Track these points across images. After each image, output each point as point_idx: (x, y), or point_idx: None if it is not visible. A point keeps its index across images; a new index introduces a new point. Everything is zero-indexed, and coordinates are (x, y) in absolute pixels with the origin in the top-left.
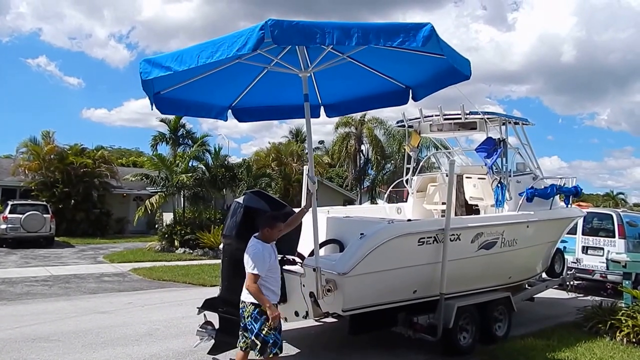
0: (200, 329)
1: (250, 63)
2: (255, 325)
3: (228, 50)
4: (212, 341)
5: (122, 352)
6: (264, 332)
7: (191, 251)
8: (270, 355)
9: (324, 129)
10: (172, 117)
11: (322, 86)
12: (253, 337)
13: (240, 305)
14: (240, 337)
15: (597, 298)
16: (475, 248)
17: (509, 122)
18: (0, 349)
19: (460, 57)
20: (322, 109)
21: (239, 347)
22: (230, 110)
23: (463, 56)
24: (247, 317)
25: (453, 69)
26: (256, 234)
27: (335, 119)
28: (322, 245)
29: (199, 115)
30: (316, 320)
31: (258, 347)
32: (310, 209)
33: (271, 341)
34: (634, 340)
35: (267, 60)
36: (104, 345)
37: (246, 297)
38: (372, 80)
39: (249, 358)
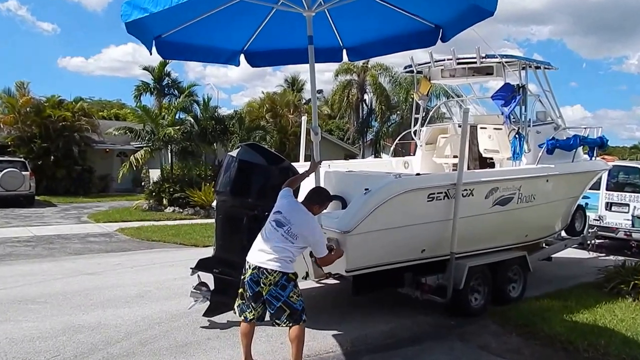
0: (195, 290)
1: (257, 2)
2: (283, 292)
3: None
4: (207, 303)
5: (112, 314)
6: (292, 299)
7: (181, 210)
8: (301, 323)
9: (322, 77)
10: (155, 65)
11: (342, 27)
12: (281, 305)
13: (252, 272)
14: (245, 307)
15: (620, 257)
16: (489, 204)
17: (530, 66)
18: None
19: None
20: (344, 52)
21: (244, 318)
22: (242, 55)
23: None
24: (269, 285)
25: (476, 5)
26: (298, 200)
27: (335, 66)
28: None
29: (207, 60)
30: (317, 282)
31: (286, 314)
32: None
33: (300, 308)
34: None
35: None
36: (94, 307)
37: (267, 263)
38: (397, 19)
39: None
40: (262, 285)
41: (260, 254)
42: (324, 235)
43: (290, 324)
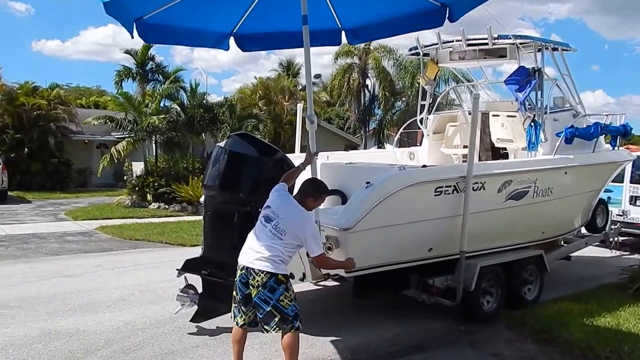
0: (181, 294)
1: None
2: (272, 295)
3: None
4: (195, 307)
5: (92, 320)
6: (282, 303)
7: (166, 206)
8: (292, 330)
9: (321, 60)
10: (138, 48)
11: (340, 7)
12: (270, 309)
13: (241, 273)
14: (237, 312)
15: None
16: (502, 199)
17: (546, 48)
18: None
19: None
20: (343, 35)
21: (236, 323)
22: (232, 38)
23: None
24: (257, 287)
25: None
26: (294, 195)
27: (335, 48)
28: None
29: (193, 44)
30: (314, 284)
31: (276, 319)
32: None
33: (292, 314)
34: None
35: None
36: (72, 312)
37: (254, 263)
38: None
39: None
40: (250, 287)
41: (249, 253)
42: (321, 233)
43: (281, 331)
